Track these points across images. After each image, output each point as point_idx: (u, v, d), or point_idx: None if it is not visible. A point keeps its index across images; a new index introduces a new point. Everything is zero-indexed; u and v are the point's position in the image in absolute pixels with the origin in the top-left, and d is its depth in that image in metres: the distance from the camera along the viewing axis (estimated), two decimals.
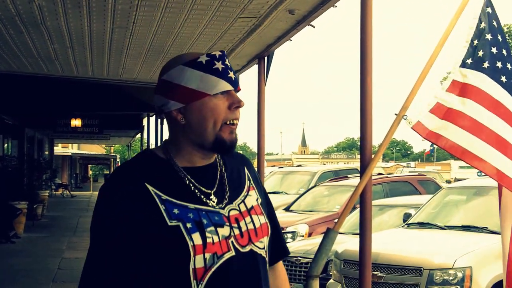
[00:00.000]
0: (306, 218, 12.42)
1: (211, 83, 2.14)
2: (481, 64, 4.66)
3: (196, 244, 2.05)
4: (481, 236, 8.18)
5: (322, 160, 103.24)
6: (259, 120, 8.60)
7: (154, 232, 2.05)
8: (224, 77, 2.15)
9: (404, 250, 7.92)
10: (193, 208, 2.12)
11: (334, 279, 8.48)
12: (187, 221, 2.08)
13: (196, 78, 2.14)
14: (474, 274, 7.30)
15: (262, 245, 2.20)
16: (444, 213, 9.51)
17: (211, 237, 2.08)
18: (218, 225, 2.11)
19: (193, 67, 2.16)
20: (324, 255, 4.57)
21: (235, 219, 2.16)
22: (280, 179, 17.62)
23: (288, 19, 7.11)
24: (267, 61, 8.83)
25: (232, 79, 2.17)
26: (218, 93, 2.14)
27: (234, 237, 2.13)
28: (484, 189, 9.56)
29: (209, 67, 2.15)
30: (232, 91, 2.17)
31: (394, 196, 12.89)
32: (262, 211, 2.26)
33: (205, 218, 2.10)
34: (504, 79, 4.63)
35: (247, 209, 2.22)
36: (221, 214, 2.15)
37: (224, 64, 2.16)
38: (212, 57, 2.17)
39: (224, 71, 2.16)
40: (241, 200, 2.23)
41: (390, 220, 10.78)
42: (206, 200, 2.15)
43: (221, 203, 2.17)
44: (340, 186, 13.63)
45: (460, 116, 4.56)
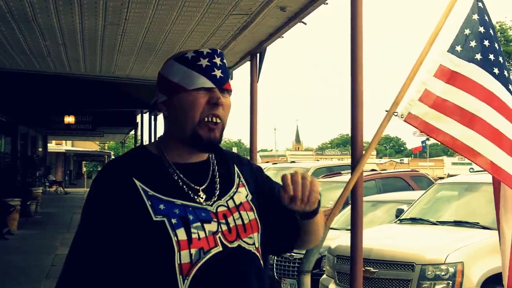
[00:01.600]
0: None
1: (192, 79, 2.17)
2: (473, 55, 4.65)
3: (180, 239, 2.06)
4: (472, 232, 8.22)
5: (316, 156, 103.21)
6: (251, 117, 8.62)
7: (139, 227, 2.07)
8: (206, 74, 2.17)
9: (396, 246, 7.95)
10: (180, 204, 2.13)
11: (327, 275, 8.51)
12: (172, 216, 2.09)
13: (179, 73, 2.19)
14: (465, 269, 7.34)
15: (252, 241, 2.20)
16: (436, 208, 9.55)
17: (196, 232, 2.09)
18: (204, 221, 2.13)
19: (179, 62, 2.21)
20: (315, 251, 4.59)
21: (223, 215, 2.17)
22: (274, 176, 17.59)
23: (279, 16, 7.13)
24: (259, 57, 8.85)
25: (217, 77, 2.18)
26: (200, 89, 2.16)
27: (222, 233, 2.14)
28: (476, 185, 9.61)
29: (193, 63, 2.19)
30: (215, 89, 2.18)
31: (387, 192, 12.92)
32: (251, 208, 2.26)
33: (191, 214, 2.12)
34: (497, 71, 4.62)
35: (236, 205, 2.22)
36: (208, 210, 2.16)
37: (210, 62, 2.18)
38: (199, 54, 2.20)
39: (208, 68, 2.17)
40: (230, 197, 2.24)
41: (383, 215, 10.81)
42: (194, 196, 2.17)
43: (209, 199, 2.19)
44: (333, 182, 13.65)
45: (451, 106, 4.54)
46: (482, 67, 4.62)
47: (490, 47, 4.68)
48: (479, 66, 4.63)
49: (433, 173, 59.59)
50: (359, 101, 4.97)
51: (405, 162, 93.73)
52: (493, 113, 4.52)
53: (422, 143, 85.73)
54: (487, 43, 4.70)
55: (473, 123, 4.50)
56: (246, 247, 2.18)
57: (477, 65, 4.63)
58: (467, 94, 4.55)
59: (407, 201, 10.46)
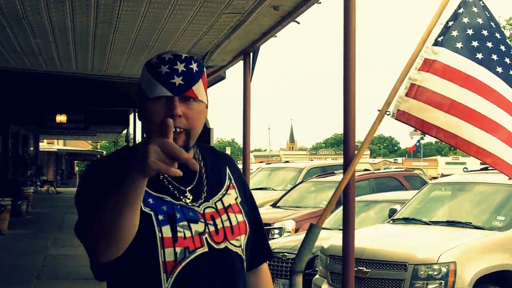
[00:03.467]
0: (293, 214, 12.43)
1: (152, 87, 2.10)
2: (454, 43, 4.61)
3: (165, 236, 2.04)
4: (465, 231, 8.21)
5: (310, 156, 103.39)
6: (244, 116, 8.60)
7: None
8: (164, 82, 2.08)
9: (389, 246, 7.93)
10: (168, 201, 2.11)
11: (320, 275, 8.49)
12: (159, 212, 2.07)
13: (145, 79, 2.14)
14: (458, 269, 7.33)
15: (239, 243, 2.18)
16: (429, 208, 9.54)
17: (182, 231, 2.07)
18: (191, 220, 2.11)
19: (147, 67, 2.16)
20: (307, 251, 4.57)
21: (211, 216, 2.15)
22: (267, 175, 17.63)
23: (272, 15, 7.11)
24: (252, 57, 8.83)
25: (176, 85, 2.09)
26: (160, 97, 2.09)
27: (209, 233, 2.12)
28: (469, 185, 9.61)
29: (155, 70, 2.12)
30: (174, 98, 2.09)
31: (380, 191, 12.91)
32: (240, 210, 2.24)
33: (179, 212, 2.10)
34: (480, 56, 4.57)
35: (224, 207, 2.20)
36: (195, 211, 2.14)
37: (171, 69, 2.10)
38: (161, 60, 2.13)
39: (167, 75, 2.09)
40: (219, 198, 2.21)
41: (376, 215, 10.80)
42: (180, 196, 2.14)
43: (196, 201, 2.16)
44: (327, 182, 13.64)
45: (436, 96, 4.49)
46: (464, 55, 4.57)
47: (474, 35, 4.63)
48: (461, 55, 4.58)
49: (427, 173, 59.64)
50: (352, 100, 4.96)
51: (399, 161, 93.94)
52: (478, 99, 4.45)
53: (416, 143, 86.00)
54: (471, 31, 4.65)
55: (458, 110, 4.42)
56: (233, 249, 2.16)
57: (458, 54, 4.58)
58: (448, 81, 4.50)
59: (400, 201, 10.44)
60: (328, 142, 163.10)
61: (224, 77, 11.87)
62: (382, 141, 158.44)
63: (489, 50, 4.56)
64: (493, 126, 4.39)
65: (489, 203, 9.05)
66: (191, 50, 9.16)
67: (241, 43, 8.59)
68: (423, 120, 4.49)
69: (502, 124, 4.39)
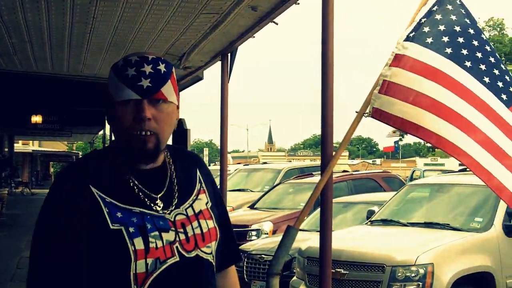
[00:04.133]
0: (271, 216, 12.42)
1: (119, 90, 2.06)
2: (424, 38, 4.59)
3: (137, 249, 2.01)
4: (443, 233, 8.23)
5: (289, 157, 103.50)
6: (222, 117, 8.56)
7: (96, 235, 2.01)
8: (132, 85, 2.05)
9: (367, 247, 7.93)
10: (138, 211, 2.06)
11: (298, 277, 8.47)
12: (130, 225, 2.03)
13: (112, 83, 2.09)
14: (436, 270, 7.34)
15: (210, 250, 2.16)
16: (407, 210, 9.56)
17: (154, 242, 2.03)
18: (162, 229, 2.07)
19: (113, 70, 2.11)
20: (284, 253, 4.53)
21: (181, 224, 2.11)
22: (245, 177, 17.62)
23: (250, 16, 7.09)
24: (230, 57, 8.81)
25: (144, 87, 2.05)
26: (128, 101, 2.05)
27: (180, 242, 2.08)
28: (447, 186, 9.65)
29: (121, 73, 2.07)
30: (143, 101, 2.05)
31: (359, 193, 12.93)
32: (211, 215, 2.21)
33: (149, 222, 2.05)
34: (450, 51, 4.56)
35: (195, 214, 2.16)
36: (166, 219, 2.10)
37: (138, 71, 2.06)
38: (127, 63, 2.08)
39: (134, 78, 2.05)
40: (189, 205, 2.17)
41: (354, 217, 10.80)
42: (151, 204, 2.09)
43: (167, 208, 2.12)
44: (305, 183, 13.62)
45: (403, 89, 4.47)
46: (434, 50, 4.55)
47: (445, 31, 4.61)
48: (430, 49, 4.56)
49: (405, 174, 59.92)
50: (329, 101, 4.94)
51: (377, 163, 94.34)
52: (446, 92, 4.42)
53: (394, 144, 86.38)
54: (443, 27, 4.64)
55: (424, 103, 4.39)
56: (204, 257, 2.13)
57: (427, 48, 4.56)
58: (415, 75, 4.47)
59: (378, 202, 10.45)
60: (307, 143, 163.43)
61: (202, 77, 11.82)
62: (361, 142, 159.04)
63: (459, 45, 4.54)
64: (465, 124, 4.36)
65: (467, 204, 9.09)
66: (169, 50, 9.11)
67: (219, 44, 8.55)
68: (394, 115, 4.47)
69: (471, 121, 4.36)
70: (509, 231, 8.23)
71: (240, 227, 11.99)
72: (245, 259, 9.84)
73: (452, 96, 4.38)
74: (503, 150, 4.30)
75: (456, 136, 4.29)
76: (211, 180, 2.31)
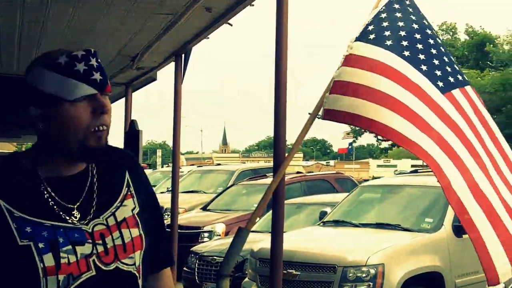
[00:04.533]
0: (224, 217, 12.45)
1: (70, 88, 1.96)
2: (367, 36, 4.66)
3: (47, 265, 1.90)
4: (394, 234, 8.35)
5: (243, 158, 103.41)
6: (175, 118, 8.54)
7: (4, 252, 1.90)
8: (86, 79, 1.97)
9: (318, 248, 8.00)
10: (49, 225, 1.95)
11: (249, 278, 8.50)
12: (39, 240, 1.91)
13: (54, 82, 1.97)
14: (386, 271, 7.44)
15: (132, 261, 2.04)
16: (359, 211, 9.67)
17: (66, 257, 1.92)
18: (77, 243, 1.96)
19: (51, 69, 1.99)
20: (234, 255, 4.55)
21: (100, 235, 2.00)
22: (198, 178, 17.61)
23: (205, 17, 7.08)
24: (184, 58, 8.79)
25: (97, 80, 1.98)
26: (81, 98, 1.97)
27: (97, 255, 1.97)
28: (398, 187, 9.78)
29: (69, 69, 1.97)
30: (98, 95, 1.99)
31: (312, 194, 13.02)
32: (137, 223, 2.09)
33: (61, 236, 1.94)
34: (390, 43, 4.63)
35: (117, 223, 2.04)
36: (83, 230, 1.99)
37: (87, 65, 1.98)
38: (73, 58, 1.99)
39: (87, 72, 1.97)
40: (111, 213, 2.05)
41: (307, 218, 10.87)
42: (66, 216, 1.98)
43: (84, 218, 2.01)
44: (258, 185, 13.67)
45: (355, 86, 4.51)
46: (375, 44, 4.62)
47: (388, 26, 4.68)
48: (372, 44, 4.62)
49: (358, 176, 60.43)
50: (282, 103, 4.96)
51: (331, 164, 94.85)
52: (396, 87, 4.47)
53: (348, 146, 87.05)
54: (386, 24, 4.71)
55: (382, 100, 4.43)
56: (125, 268, 2.02)
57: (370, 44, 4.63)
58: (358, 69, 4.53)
59: (331, 204, 10.54)
60: (261, 144, 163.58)
61: (156, 78, 11.76)
62: (315, 143, 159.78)
63: (399, 38, 4.61)
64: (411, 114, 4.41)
65: (418, 205, 9.23)
66: (122, 51, 9.04)
67: (173, 45, 8.52)
68: (343, 111, 4.51)
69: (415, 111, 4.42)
70: (458, 231, 8.37)
71: (192, 228, 12.01)
72: (196, 260, 9.85)
73: (396, 87, 4.44)
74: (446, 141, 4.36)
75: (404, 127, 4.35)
76: (143, 182, 2.20)
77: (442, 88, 4.49)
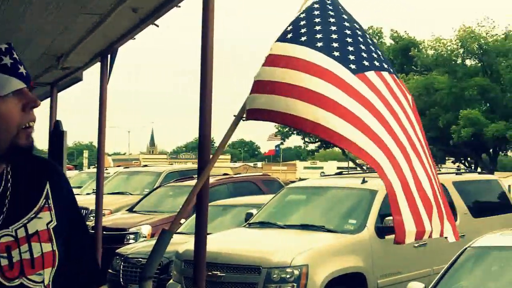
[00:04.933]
0: (150, 219, 12.39)
1: (1, 82, 1.86)
2: (286, 35, 4.75)
3: None
4: (318, 235, 8.45)
5: (171, 160, 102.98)
6: (100, 119, 8.45)
7: None
8: (15, 73, 1.88)
9: (243, 250, 8.04)
10: None
11: (174, 280, 8.48)
12: None
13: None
14: (310, 271, 7.53)
15: (40, 278, 1.89)
16: (284, 212, 9.75)
17: None
18: None
19: None
20: (158, 257, 4.54)
21: (6, 248, 1.85)
22: (124, 179, 17.45)
23: (131, 17, 7.03)
24: (110, 59, 8.71)
25: (24, 74, 1.90)
26: (10, 94, 1.87)
27: (0, 269, 1.83)
28: (323, 189, 9.91)
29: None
30: (25, 89, 1.90)
31: (239, 195, 13.06)
32: (50, 237, 1.94)
33: None
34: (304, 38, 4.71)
35: (27, 235, 1.89)
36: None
37: (12, 58, 1.89)
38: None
39: (14, 66, 1.88)
40: (22, 224, 1.90)
41: (233, 219, 10.91)
42: None
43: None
44: (185, 186, 13.61)
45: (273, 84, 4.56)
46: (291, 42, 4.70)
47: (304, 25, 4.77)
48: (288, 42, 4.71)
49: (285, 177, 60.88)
50: (208, 104, 4.98)
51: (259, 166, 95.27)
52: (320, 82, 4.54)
53: (275, 147, 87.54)
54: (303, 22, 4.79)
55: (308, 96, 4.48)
56: (30, 286, 1.87)
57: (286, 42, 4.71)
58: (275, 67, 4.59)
59: (257, 205, 10.60)
60: (189, 146, 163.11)
61: (81, 78, 11.61)
62: (243, 145, 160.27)
63: (314, 32, 4.70)
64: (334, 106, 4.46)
65: (342, 206, 9.37)
66: (47, 50, 8.91)
67: (99, 45, 8.43)
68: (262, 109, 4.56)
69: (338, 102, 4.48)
70: (381, 232, 8.53)
71: (117, 230, 11.91)
72: (121, 262, 9.78)
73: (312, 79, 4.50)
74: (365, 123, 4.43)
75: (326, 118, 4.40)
76: (64, 194, 2.06)
77: (354, 70, 4.57)
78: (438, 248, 9.21)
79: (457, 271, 6.20)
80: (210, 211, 10.15)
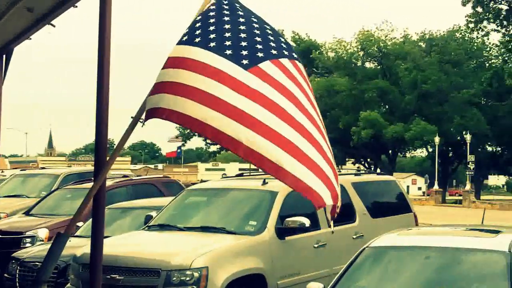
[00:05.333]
0: (47, 222, 12.15)
1: None
2: (182, 38, 4.80)
3: None
4: (218, 237, 8.46)
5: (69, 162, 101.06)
6: None
7: None
8: None
9: (142, 252, 7.97)
10: None
11: (72, 284, 8.32)
12: None
13: None
14: (210, 273, 7.53)
15: None
16: (184, 214, 9.71)
17: None
18: None
19: None
20: (53, 260, 4.45)
21: None
22: (21, 182, 17.04)
23: (27, 17, 6.88)
24: (5, 59, 8.49)
25: None
26: None
27: None
28: (224, 191, 9.93)
29: None
30: None
31: (139, 198, 12.96)
32: None
33: None
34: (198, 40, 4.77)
35: None
36: None
37: None
38: None
39: None
40: None
41: (132, 222, 10.81)
42: None
43: None
44: (83, 189, 13.39)
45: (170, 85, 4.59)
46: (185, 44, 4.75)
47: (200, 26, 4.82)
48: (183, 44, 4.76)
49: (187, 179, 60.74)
50: (104, 106, 4.92)
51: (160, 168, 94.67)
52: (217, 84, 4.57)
53: (177, 149, 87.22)
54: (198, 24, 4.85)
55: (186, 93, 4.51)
56: None
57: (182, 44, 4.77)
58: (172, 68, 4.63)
59: (156, 208, 10.53)
60: (89, 148, 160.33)
61: None
62: (144, 147, 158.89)
63: (208, 32, 4.77)
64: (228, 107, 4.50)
65: (242, 208, 9.40)
66: None
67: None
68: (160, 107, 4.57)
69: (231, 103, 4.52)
70: (281, 233, 8.62)
71: (14, 234, 11.63)
72: (18, 266, 9.56)
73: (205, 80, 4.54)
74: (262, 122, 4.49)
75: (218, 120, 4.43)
76: None
77: (246, 65, 4.63)
78: (337, 248, 9.39)
79: (356, 271, 6.32)
80: (109, 214, 10.09)
